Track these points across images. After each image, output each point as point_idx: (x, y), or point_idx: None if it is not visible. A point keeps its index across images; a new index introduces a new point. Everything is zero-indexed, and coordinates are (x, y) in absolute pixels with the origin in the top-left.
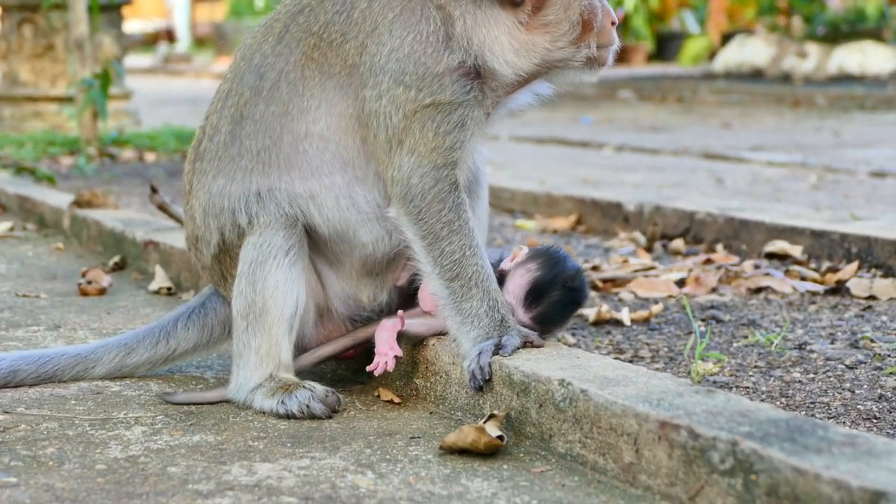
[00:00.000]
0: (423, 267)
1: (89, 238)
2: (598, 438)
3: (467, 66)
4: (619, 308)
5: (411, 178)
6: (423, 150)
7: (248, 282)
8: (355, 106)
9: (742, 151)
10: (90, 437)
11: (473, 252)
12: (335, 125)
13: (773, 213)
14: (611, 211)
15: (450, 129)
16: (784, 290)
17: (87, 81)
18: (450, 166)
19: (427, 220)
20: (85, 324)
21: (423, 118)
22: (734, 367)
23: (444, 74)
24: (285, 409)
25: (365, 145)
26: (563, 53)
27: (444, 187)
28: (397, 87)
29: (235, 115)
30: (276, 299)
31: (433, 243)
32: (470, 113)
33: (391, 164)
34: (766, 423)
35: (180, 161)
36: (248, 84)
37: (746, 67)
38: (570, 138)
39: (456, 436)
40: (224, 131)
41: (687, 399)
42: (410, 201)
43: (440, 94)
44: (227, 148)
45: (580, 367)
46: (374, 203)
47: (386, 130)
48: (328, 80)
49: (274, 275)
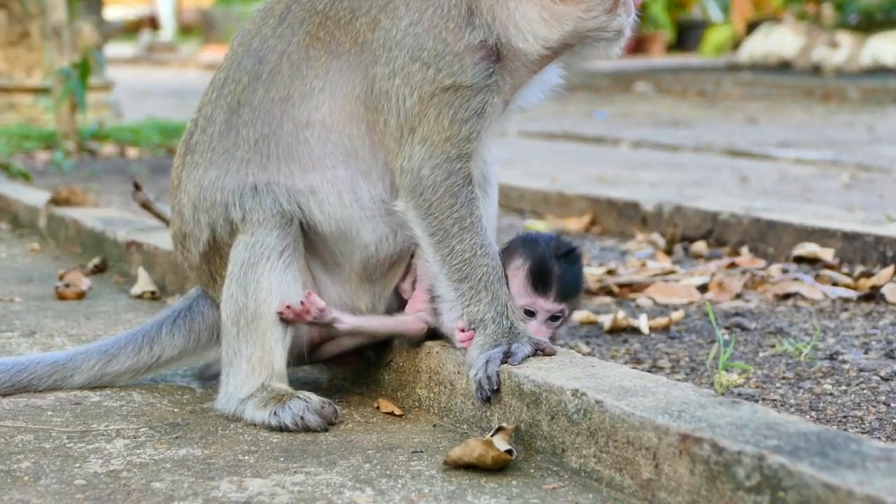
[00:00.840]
0: (431, 266)
1: (67, 238)
2: (614, 453)
3: (489, 47)
4: (636, 315)
5: (422, 170)
6: (436, 139)
7: (239, 284)
8: (363, 86)
9: (768, 148)
10: (68, 450)
11: (485, 252)
12: (339, 110)
13: (803, 214)
14: (627, 211)
15: (468, 116)
16: (814, 296)
17: (64, 71)
18: (464, 158)
19: (437, 215)
20: (62, 330)
21: (440, 103)
22: (760, 378)
23: (465, 54)
24: (278, 420)
25: (371, 134)
26: (595, 23)
27: (458, 181)
28: (413, 64)
29: (232, 103)
30: (269, 303)
31: (443, 241)
32: (489, 100)
33: (401, 153)
34: (796, 436)
35: (165, 157)
36: (246, 69)
37: (773, 58)
38: (584, 134)
39: (461, 450)
40: (219, 121)
41: (710, 410)
42: (420, 194)
43: (461, 75)
44: (222, 139)
45: (595, 376)
46: (379, 199)
47: (397, 115)
48: (335, 59)
49: (267, 277)
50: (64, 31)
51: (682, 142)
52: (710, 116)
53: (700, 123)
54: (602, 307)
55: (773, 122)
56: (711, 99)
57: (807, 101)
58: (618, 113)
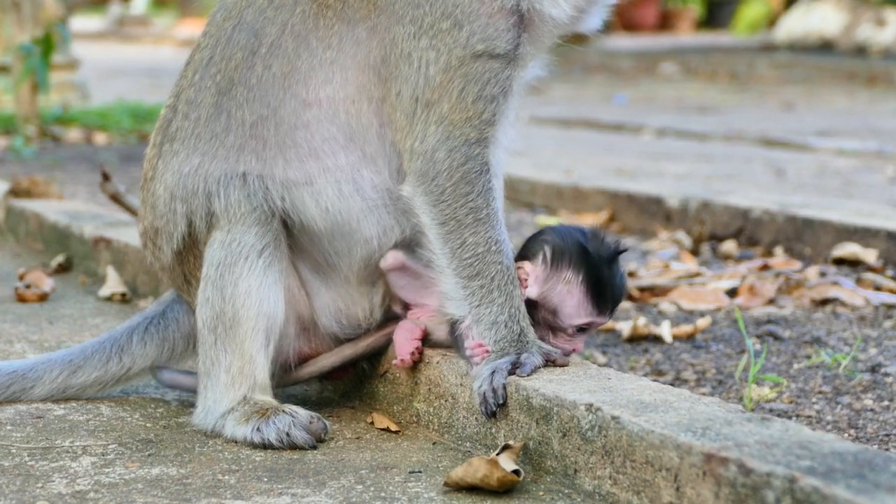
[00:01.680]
0: (437, 260)
1: (28, 234)
2: (631, 474)
3: (520, 12)
4: (658, 322)
5: (437, 153)
6: (456, 118)
7: (216, 287)
8: (380, 52)
9: (807, 137)
10: (29, 468)
11: (499, 249)
12: (351, 82)
13: (843, 211)
14: (650, 207)
15: (495, 94)
16: (855, 301)
17: (25, 48)
18: (483, 143)
19: (450, 203)
20: (23, 335)
21: (468, 75)
22: (795, 392)
23: (499, 17)
24: (261, 437)
25: (380, 111)
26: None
27: (475, 167)
28: (444, 21)
29: (222, 83)
30: (248, 308)
31: (454, 231)
32: (516, 75)
33: (412, 132)
34: (831, 456)
35: (136, 144)
36: (239, 45)
37: (813, 38)
38: (602, 120)
39: (464, 470)
40: (206, 104)
41: (737, 428)
42: (433, 179)
43: (496, 40)
44: (210, 123)
45: (611, 389)
46: (383, 187)
47: (415, 85)
48: (349, 28)
49: (246, 279)
50: (24, 2)
51: (711, 130)
52: (742, 102)
53: (731, 109)
54: (620, 313)
55: (812, 109)
56: (744, 82)
57: (850, 85)
58: (640, 97)
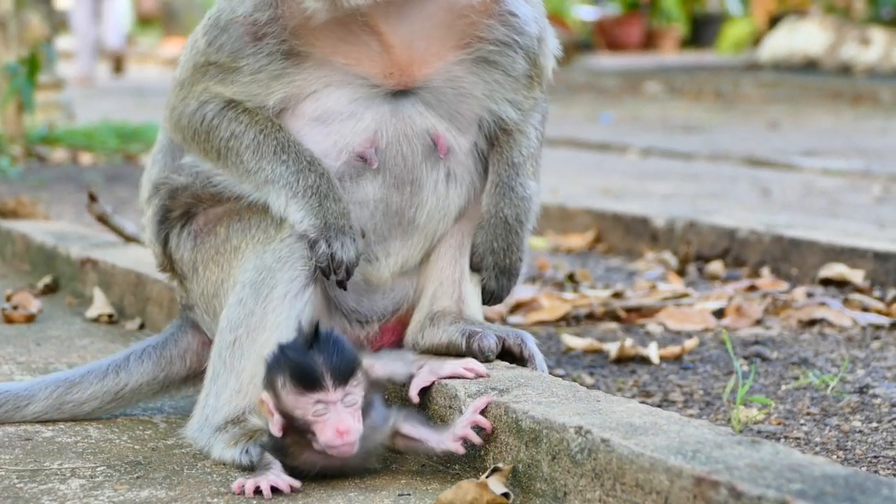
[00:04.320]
0: None
1: (14, 255)
2: (622, 497)
3: None
4: (645, 343)
5: None
6: None
7: (253, 288)
8: None
9: (792, 157)
10: (18, 490)
11: None
12: None
13: (830, 232)
14: (636, 227)
15: None
16: (842, 322)
17: (10, 67)
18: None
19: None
20: (10, 356)
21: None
22: (783, 413)
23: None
24: (250, 459)
25: None
26: None
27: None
28: None
29: None
30: (278, 313)
31: None
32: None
33: None
34: (822, 479)
35: (122, 164)
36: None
37: (798, 57)
38: (587, 139)
39: (453, 493)
40: None
41: (727, 451)
42: None
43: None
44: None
45: (601, 412)
46: None
47: None
48: None
49: (285, 286)
50: (10, 22)
51: (696, 149)
52: (727, 121)
53: (716, 129)
54: (607, 334)
55: (798, 128)
56: (729, 101)
57: (835, 104)
58: (625, 116)
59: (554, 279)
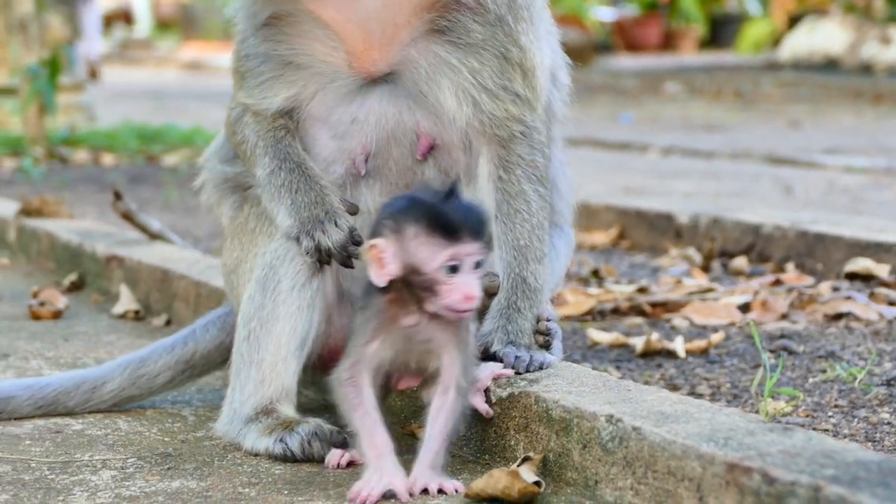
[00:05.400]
0: None
1: (40, 253)
2: (653, 485)
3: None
4: (671, 337)
5: None
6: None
7: (258, 283)
8: None
9: (814, 155)
10: (50, 482)
11: None
12: None
13: (855, 227)
14: (659, 223)
15: None
16: (869, 316)
17: (32, 69)
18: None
19: None
20: (38, 352)
21: None
22: (811, 406)
23: None
24: (283, 447)
25: None
26: None
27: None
28: None
29: None
30: (288, 305)
31: None
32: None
33: None
34: (854, 465)
35: (144, 164)
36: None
37: (818, 56)
38: (608, 139)
39: (485, 481)
40: None
41: (760, 438)
42: None
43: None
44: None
45: (632, 400)
46: None
47: None
48: None
49: (291, 278)
50: (31, 24)
51: (717, 148)
52: (748, 120)
53: (737, 128)
54: (633, 328)
55: (819, 127)
56: (749, 101)
57: (856, 103)
58: (645, 116)
59: (578, 275)
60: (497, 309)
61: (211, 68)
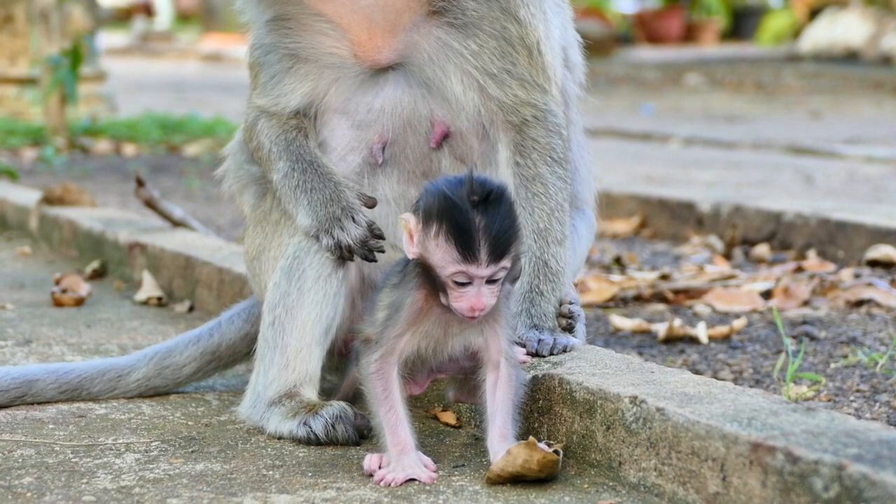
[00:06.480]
0: None
1: (62, 241)
2: (677, 465)
3: None
4: (693, 323)
5: None
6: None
7: (284, 272)
8: None
9: (835, 145)
10: (73, 465)
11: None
12: None
13: (876, 215)
14: (681, 212)
15: None
16: (890, 303)
17: (53, 59)
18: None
19: None
20: (61, 338)
21: None
22: (832, 390)
23: None
24: (307, 431)
25: None
26: None
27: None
28: None
29: None
30: (314, 292)
31: None
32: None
33: None
34: (878, 444)
35: (165, 154)
36: None
37: (839, 48)
38: (629, 130)
39: (504, 460)
40: None
41: (783, 418)
42: None
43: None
44: None
45: (655, 382)
46: None
47: None
48: None
49: (317, 268)
50: (52, 14)
51: (738, 138)
52: (769, 111)
53: (758, 119)
54: (656, 315)
55: (840, 118)
56: (770, 92)
57: (876, 94)
58: (666, 107)
59: (601, 262)
60: (520, 293)
61: (231, 60)
